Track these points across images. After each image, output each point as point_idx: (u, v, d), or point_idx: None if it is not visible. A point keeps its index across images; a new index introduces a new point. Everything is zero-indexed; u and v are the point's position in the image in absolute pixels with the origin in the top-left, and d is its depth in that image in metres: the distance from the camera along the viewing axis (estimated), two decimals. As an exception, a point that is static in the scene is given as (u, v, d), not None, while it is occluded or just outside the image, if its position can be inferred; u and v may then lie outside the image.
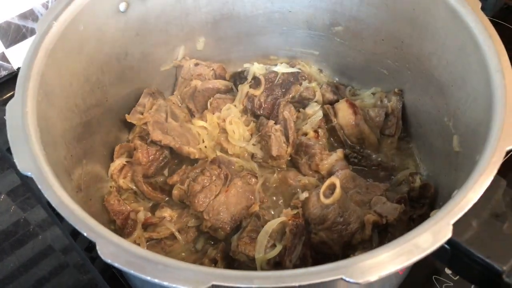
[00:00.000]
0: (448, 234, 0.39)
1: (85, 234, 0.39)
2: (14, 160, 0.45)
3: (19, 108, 0.48)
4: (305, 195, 0.61)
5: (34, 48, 0.52)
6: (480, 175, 0.43)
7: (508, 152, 0.44)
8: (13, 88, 0.82)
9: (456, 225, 0.39)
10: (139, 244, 0.60)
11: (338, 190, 0.58)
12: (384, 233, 0.58)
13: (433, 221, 0.40)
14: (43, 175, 0.43)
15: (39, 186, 0.42)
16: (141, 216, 0.62)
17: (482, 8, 0.55)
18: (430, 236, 0.39)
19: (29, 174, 0.43)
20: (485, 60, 0.51)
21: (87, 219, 0.40)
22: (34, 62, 0.51)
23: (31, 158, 0.44)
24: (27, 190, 0.75)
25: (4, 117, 0.80)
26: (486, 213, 0.42)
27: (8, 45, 0.80)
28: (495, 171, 0.43)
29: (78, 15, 0.57)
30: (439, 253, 0.39)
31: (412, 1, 0.61)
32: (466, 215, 0.40)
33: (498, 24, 0.92)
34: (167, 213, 0.63)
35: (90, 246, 0.67)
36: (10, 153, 0.75)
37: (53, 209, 0.42)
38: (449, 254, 0.42)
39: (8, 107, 0.49)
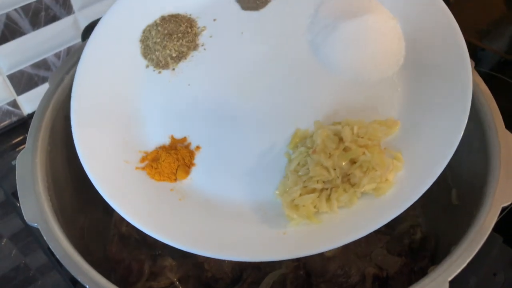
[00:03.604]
0: (446, 292, 0.40)
1: (87, 287, 0.40)
2: (22, 211, 0.46)
3: (29, 159, 0.50)
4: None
5: (46, 100, 0.55)
6: (476, 232, 0.44)
7: (503, 209, 0.45)
8: (22, 134, 0.86)
9: (453, 282, 0.40)
10: (139, 294, 0.60)
11: (338, 242, 0.58)
12: (385, 285, 0.58)
13: (431, 279, 0.40)
14: (48, 226, 0.44)
15: (45, 238, 0.44)
16: (147, 268, 0.62)
17: (476, 67, 0.58)
18: (428, 294, 0.39)
19: (35, 225, 0.45)
20: (479, 117, 0.53)
21: (90, 271, 0.41)
22: (45, 114, 0.54)
23: (38, 209, 0.46)
24: (29, 234, 0.76)
25: (12, 162, 0.82)
26: (483, 270, 0.43)
27: (19, 92, 0.83)
28: (490, 228, 0.43)
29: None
30: (438, 310, 0.40)
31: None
32: (463, 272, 0.40)
33: (495, 77, 0.95)
34: (167, 262, 0.63)
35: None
36: (15, 197, 0.77)
37: (54, 255, 0.43)
38: (448, 311, 0.42)
39: (18, 157, 0.51)
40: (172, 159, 0.51)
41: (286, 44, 0.57)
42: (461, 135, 0.46)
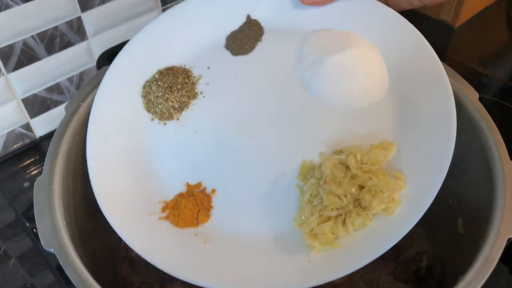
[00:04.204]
0: (453, 323, 0.40)
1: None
2: (39, 236, 0.47)
3: (46, 185, 0.51)
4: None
5: (63, 128, 0.57)
6: (483, 262, 0.45)
7: (509, 240, 0.46)
8: (34, 156, 0.87)
9: (461, 313, 0.41)
10: (149, 318, 0.61)
11: (345, 268, 0.59)
12: (392, 313, 0.58)
13: (438, 309, 0.41)
14: (65, 252, 0.46)
15: (61, 263, 0.45)
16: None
17: (480, 94, 0.59)
18: (436, 324, 0.40)
19: (52, 250, 0.46)
20: (484, 148, 0.55)
21: (105, 298, 0.42)
22: (62, 141, 0.55)
23: (55, 235, 0.47)
24: (36, 254, 0.77)
25: (24, 184, 0.84)
26: (490, 302, 0.43)
27: (33, 115, 0.85)
28: (497, 259, 0.44)
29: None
30: None
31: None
32: (470, 303, 0.41)
33: (498, 103, 0.96)
34: (176, 287, 0.64)
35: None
36: (26, 218, 0.78)
37: (61, 274, 0.44)
38: None
39: (36, 184, 0.52)
40: (192, 205, 0.54)
41: (279, 83, 0.60)
42: (454, 145, 0.49)
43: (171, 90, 0.59)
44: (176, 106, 0.59)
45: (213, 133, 0.58)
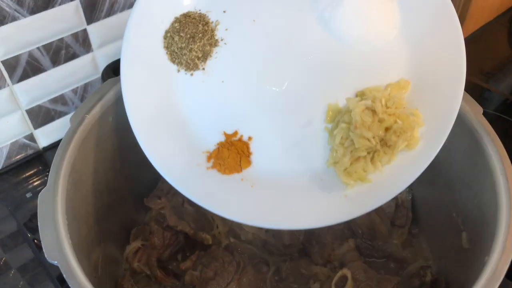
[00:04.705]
0: None
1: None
2: (43, 249, 0.47)
3: (51, 197, 0.51)
4: (316, 286, 0.62)
5: (68, 139, 0.57)
6: (489, 278, 0.44)
7: (515, 256, 0.46)
8: (37, 166, 0.87)
9: (467, 330, 0.40)
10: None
11: (349, 283, 0.59)
12: (396, 328, 0.58)
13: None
14: (68, 264, 0.45)
15: (64, 276, 0.45)
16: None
17: (484, 113, 0.59)
18: None
19: (55, 263, 0.46)
20: (488, 163, 0.55)
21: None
22: (66, 153, 0.55)
23: (58, 248, 0.47)
24: (37, 265, 0.76)
25: (26, 194, 0.83)
26: (496, 318, 0.43)
27: (37, 126, 0.85)
28: (502, 275, 0.44)
29: (108, 108, 0.62)
30: None
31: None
32: (476, 320, 0.41)
33: (500, 117, 0.96)
34: (179, 299, 0.64)
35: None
36: (27, 228, 0.77)
37: (62, 285, 0.43)
38: None
39: (40, 196, 0.52)
40: (234, 153, 0.58)
41: (296, 25, 0.60)
42: (464, 81, 0.52)
43: (194, 40, 0.59)
44: (200, 55, 0.60)
45: (239, 81, 0.60)
